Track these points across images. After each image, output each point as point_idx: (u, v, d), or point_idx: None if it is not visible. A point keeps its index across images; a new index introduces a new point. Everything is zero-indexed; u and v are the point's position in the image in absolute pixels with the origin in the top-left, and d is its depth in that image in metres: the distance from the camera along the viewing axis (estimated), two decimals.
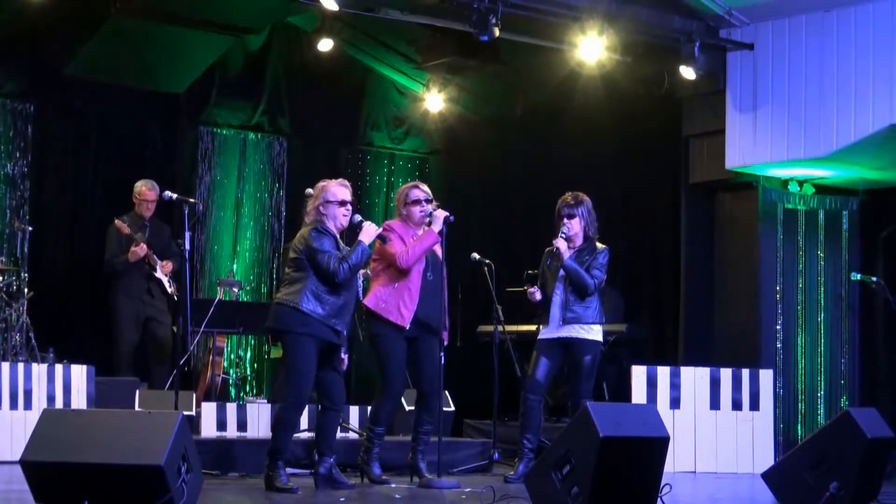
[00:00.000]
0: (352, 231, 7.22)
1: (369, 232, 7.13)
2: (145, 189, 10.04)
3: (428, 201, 7.64)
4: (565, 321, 8.04)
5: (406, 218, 7.66)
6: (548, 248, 8.17)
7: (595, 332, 8.09)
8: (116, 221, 9.84)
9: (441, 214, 7.53)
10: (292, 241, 7.22)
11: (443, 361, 7.46)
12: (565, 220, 8.09)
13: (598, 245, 8.15)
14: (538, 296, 8.08)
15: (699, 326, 10.51)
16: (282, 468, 6.96)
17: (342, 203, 7.08)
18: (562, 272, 8.04)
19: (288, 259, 7.16)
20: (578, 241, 8.12)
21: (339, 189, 7.11)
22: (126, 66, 10.72)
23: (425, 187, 7.75)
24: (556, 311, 8.08)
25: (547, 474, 5.75)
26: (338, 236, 7.11)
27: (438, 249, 7.63)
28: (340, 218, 7.08)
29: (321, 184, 7.18)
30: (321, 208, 7.08)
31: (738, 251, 10.38)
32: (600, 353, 8.25)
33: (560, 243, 8.02)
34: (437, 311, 7.56)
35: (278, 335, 7.23)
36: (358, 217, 7.22)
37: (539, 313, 8.20)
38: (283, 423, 7.02)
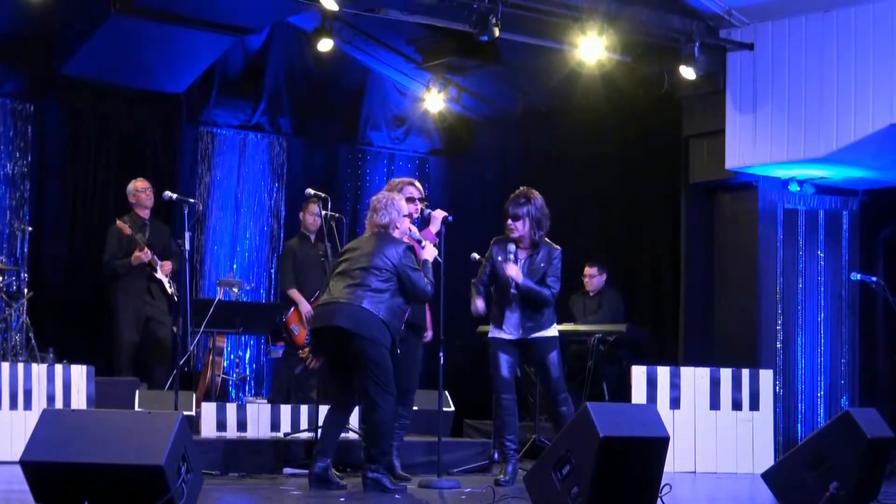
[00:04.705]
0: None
1: (431, 251, 7.29)
2: (138, 183, 10.01)
3: (421, 200, 7.62)
4: (525, 329, 7.69)
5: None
6: (495, 239, 7.77)
7: (553, 330, 7.77)
8: (118, 222, 9.79)
9: (440, 214, 7.51)
10: (369, 248, 7.03)
11: (442, 361, 7.44)
12: (510, 223, 7.64)
13: (552, 245, 7.73)
14: (481, 309, 7.71)
15: (699, 326, 10.51)
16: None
17: (408, 216, 7.35)
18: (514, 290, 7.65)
19: (374, 268, 6.95)
20: (526, 242, 7.70)
21: (405, 204, 7.32)
22: (126, 66, 10.71)
23: (419, 185, 7.72)
24: (513, 317, 7.71)
25: (547, 474, 5.74)
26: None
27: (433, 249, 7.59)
28: (405, 230, 7.28)
29: (392, 195, 7.26)
30: (397, 222, 7.17)
31: (738, 251, 10.38)
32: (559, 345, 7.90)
33: (511, 270, 7.59)
34: (423, 310, 7.52)
35: (361, 340, 6.98)
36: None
37: (489, 313, 7.83)
38: (387, 421, 7.00)
